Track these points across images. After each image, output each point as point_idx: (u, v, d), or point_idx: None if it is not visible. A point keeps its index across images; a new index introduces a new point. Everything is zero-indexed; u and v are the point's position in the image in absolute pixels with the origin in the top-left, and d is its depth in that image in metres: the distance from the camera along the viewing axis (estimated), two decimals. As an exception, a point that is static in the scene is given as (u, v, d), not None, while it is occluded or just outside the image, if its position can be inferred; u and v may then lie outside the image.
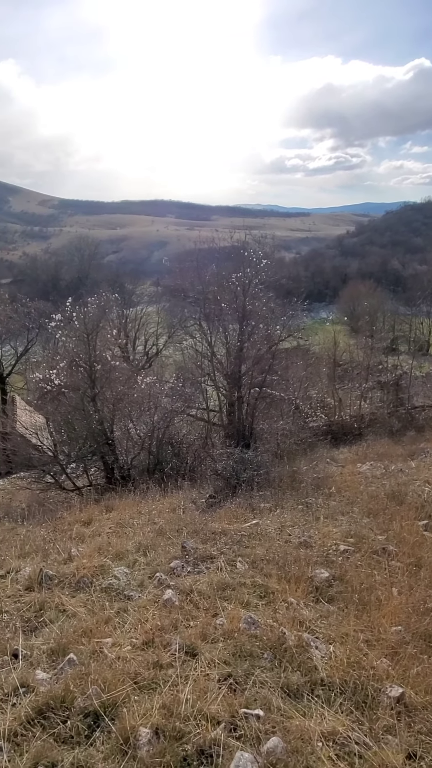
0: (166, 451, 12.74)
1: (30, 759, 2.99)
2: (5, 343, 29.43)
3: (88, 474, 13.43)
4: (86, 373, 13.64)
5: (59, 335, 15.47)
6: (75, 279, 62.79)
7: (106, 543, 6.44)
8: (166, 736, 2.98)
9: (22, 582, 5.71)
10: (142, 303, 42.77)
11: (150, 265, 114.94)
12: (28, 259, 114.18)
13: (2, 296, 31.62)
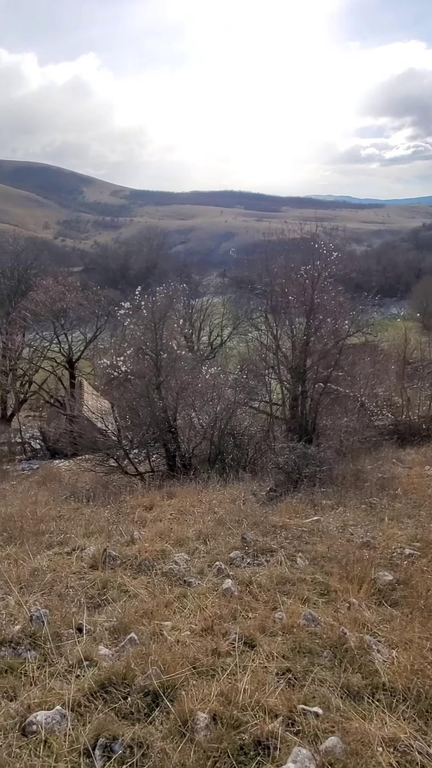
0: (227, 441, 12.81)
1: (92, 730, 3.11)
2: (75, 329, 30.41)
3: (150, 460, 13.71)
4: (152, 361, 13.89)
5: (127, 323, 15.84)
6: (143, 268, 64.08)
7: (168, 529, 6.57)
8: (223, 723, 3.01)
9: (86, 560, 5.93)
10: (208, 294, 43.04)
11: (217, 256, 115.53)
12: (99, 248, 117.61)
13: (74, 284, 32.65)
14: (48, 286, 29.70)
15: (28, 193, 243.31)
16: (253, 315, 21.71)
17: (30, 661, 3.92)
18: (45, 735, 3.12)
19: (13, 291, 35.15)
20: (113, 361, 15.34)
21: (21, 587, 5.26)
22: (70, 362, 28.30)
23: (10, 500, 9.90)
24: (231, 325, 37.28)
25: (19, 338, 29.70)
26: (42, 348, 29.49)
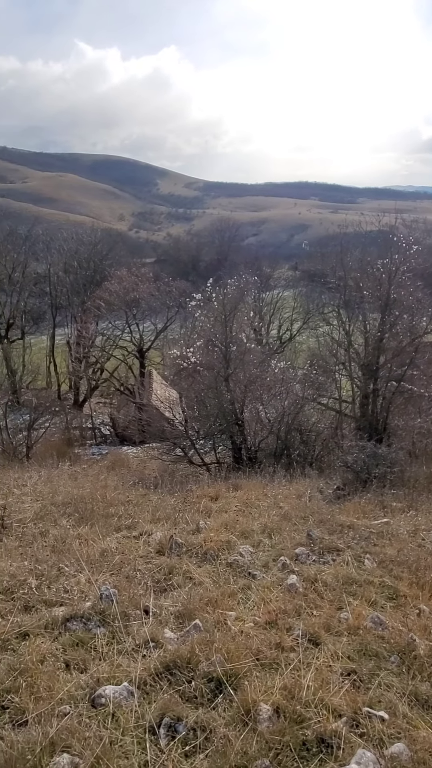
0: (294, 437, 12.71)
1: (157, 709, 3.21)
2: (146, 319, 31.08)
3: (215, 451, 13.86)
4: (221, 353, 13.99)
5: (198, 315, 16.02)
6: (214, 260, 64.44)
7: (233, 520, 6.62)
8: (286, 717, 3.02)
9: (153, 545, 6.10)
10: (278, 287, 42.70)
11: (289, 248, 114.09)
12: (171, 240, 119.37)
13: (146, 275, 33.33)
14: (122, 276, 30.54)
15: (105, 186, 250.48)
16: (325, 309, 21.30)
17: (99, 637, 4.09)
18: (113, 708, 3.25)
19: (89, 280, 36.44)
20: (183, 352, 15.58)
21: (91, 566, 5.49)
22: (140, 351, 29.01)
23: (82, 483, 10.29)
24: (301, 319, 36.82)
25: (92, 326, 30.80)
26: (114, 337, 30.39)
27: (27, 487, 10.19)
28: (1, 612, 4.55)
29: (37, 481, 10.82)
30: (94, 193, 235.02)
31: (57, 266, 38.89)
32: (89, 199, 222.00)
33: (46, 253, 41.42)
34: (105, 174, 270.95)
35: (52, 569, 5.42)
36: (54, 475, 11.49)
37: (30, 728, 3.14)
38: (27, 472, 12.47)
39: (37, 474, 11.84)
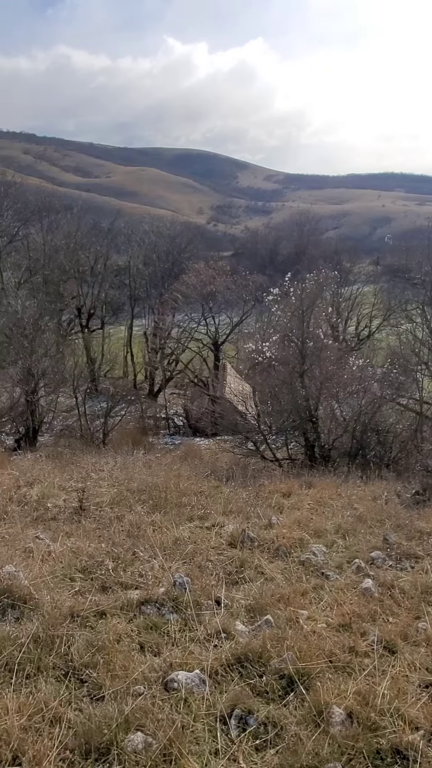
0: (370, 437, 12.36)
1: (229, 699, 3.25)
2: (222, 313, 31.26)
3: (288, 447, 13.74)
4: (297, 348, 13.82)
5: (275, 309, 15.92)
6: (292, 254, 63.51)
7: (306, 518, 6.56)
8: (359, 723, 2.96)
9: (225, 537, 6.16)
10: (358, 282, 41.50)
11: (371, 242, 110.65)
12: (248, 234, 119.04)
13: (224, 268, 33.50)
14: (199, 269, 30.91)
15: (185, 179, 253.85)
16: (408, 306, 20.48)
17: (172, 623, 4.20)
18: (185, 694, 3.33)
19: (167, 273, 37.16)
20: (258, 346, 15.56)
21: (164, 553, 5.62)
22: (215, 344, 29.26)
23: (156, 471, 10.57)
24: (381, 316, 35.62)
25: (169, 318, 31.42)
26: (190, 329, 30.84)
27: (104, 473, 10.61)
28: (81, 590, 4.77)
29: (113, 467, 11.23)
30: (174, 186, 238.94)
31: (137, 259, 39.93)
32: (169, 192, 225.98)
33: (126, 246, 42.63)
34: (185, 167, 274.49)
35: (127, 553, 5.61)
36: (129, 462, 11.87)
37: (106, 704, 3.27)
38: (103, 458, 12.98)
39: (113, 460, 12.29)
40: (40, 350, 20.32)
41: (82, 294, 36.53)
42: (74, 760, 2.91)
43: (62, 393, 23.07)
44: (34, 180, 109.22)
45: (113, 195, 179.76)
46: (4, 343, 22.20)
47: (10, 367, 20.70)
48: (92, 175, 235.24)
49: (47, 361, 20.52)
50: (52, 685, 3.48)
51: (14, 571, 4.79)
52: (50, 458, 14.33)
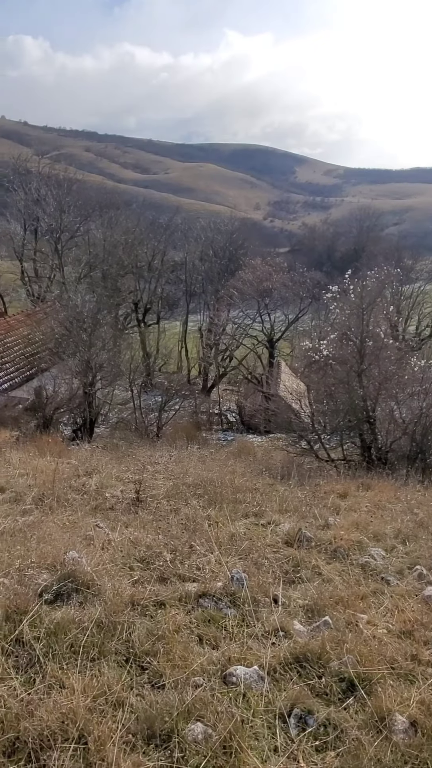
0: (431, 441, 11.98)
1: (288, 698, 3.25)
2: (278, 309, 31.08)
3: (343, 448, 13.53)
4: (356, 347, 13.56)
5: (333, 307, 15.66)
6: (351, 251, 62.19)
7: (364, 521, 6.45)
8: (424, 733, 2.90)
9: (281, 535, 6.14)
10: (420, 280, 40.22)
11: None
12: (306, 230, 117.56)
13: (281, 264, 33.29)
14: (256, 266, 30.82)
15: (243, 175, 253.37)
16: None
17: (230, 618, 4.24)
18: (244, 689, 3.36)
19: (223, 269, 37.29)
20: (315, 344, 15.35)
21: (220, 548, 5.67)
22: (270, 341, 29.13)
23: (210, 466, 10.66)
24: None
25: (224, 314, 31.51)
26: (245, 325, 30.83)
27: (159, 466, 10.80)
28: (140, 579, 4.89)
29: (168, 461, 11.41)
30: (231, 182, 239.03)
31: (193, 254, 40.29)
32: (226, 188, 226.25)
33: (183, 242, 43.07)
34: (243, 163, 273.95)
35: (184, 546, 5.70)
36: (183, 457, 12.02)
37: (167, 692, 3.35)
38: (158, 451, 13.21)
39: (168, 454, 12.48)
40: (98, 343, 20.87)
41: (139, 289, 37.22)
42: (137, 743, 3.01)
43: (118, 386, 23.66)
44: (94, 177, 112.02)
45: (171, 191, 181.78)
46: (65, 336, 22.91)
47: (70, 360, 21.36)
48: (150, 172, 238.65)
49: (104, 355, 21.06)
50: (115, 670, 3.60)
51: (77, 557, 4.97)
52: (106, 449, 14.73)
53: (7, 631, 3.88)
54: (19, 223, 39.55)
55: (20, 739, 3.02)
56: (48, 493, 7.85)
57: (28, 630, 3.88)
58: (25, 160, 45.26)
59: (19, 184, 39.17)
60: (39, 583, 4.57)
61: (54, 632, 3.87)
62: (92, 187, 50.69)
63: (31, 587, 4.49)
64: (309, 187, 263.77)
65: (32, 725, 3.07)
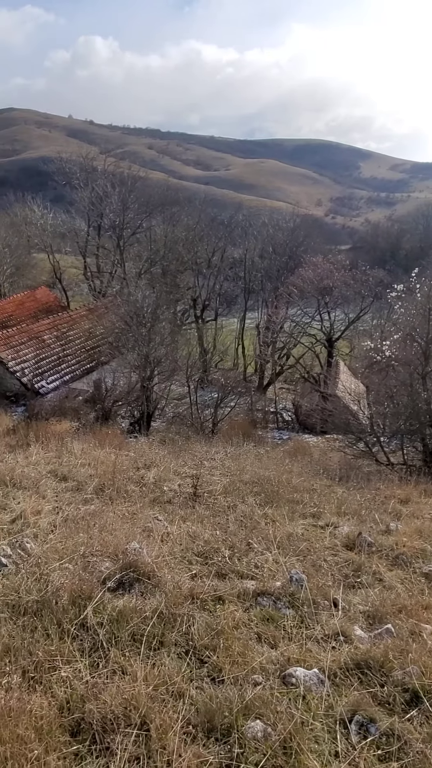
0: None
1: (349, 705, 3.21)
2: (338, 308, 30.45)
3: (403, 452, 13.13)
4: (421, 349, 13.12)
5: (398, 306, 15.22)
6: (416, 249, 60.05)
7: (428, 528, 6.24)
8: None
9: (340, 539, 6.05)
10: None
11: None
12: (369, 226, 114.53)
13: (342, 262, 32.62)
14: (316, 263, 30.33)
15: (304, 171, 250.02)
16: None
17: (288, 618, 4.22)
18: (303, 691, 3.34)
19: (283, 266, 36.96)
20: (377, 344, 14.97)
21: (278, 547, 5.65)
22: (329, 340, 28.64)
23: (267, 464, 10.61)
24: None
25: (282, 312, 31.21)
26: (303, 324, 30.42)
27: (215, 462, 10.87)
28: (198, 573, 4.95)
29: (224, 457, 11.46)
30: (292, 178, 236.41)
31: (253, 251, 40.13)
32: (287, 184, 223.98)
33: (243, 239, 42.96)
34: (305, 158, 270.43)
35: (242, 543, 5.72)
36: (240, 454, 12.04)
37: (227, 688, 3.38)
38: (213, 447, 13.28)
39: (224, 450, 12.53)
40: (156, 339, 21.18)
41: (197, 285, 37.49)
42: (197, 735, 3.05)
43: (175, 381, 23.95)
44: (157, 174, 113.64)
45: (231, 188, 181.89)
46: (124, 331, 23.40)
47: (129, 354, 21.80)
48: (212, 168, 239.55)
49: (163, 350, 21.36)
50: (175, 661, 3.66)
51: (138, 547, 5.09)
52: (163, 443, 14.95)
53: (73, 615, 4.03)
54: (84, 219, 40.70)
55: (85, 720, 3.14)
56: (108, 484, 8.06)
57: (92, 615, 4.02)
58: (91, 159, 46.43)
59: (85, 182, 40.28)
60: (102, 570, 4.72)
61: (116, 619, 3.99)
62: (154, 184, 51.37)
63: (95, 574, 4.64)
64: (373, 182, 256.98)
65: (96, 707, 3.18)
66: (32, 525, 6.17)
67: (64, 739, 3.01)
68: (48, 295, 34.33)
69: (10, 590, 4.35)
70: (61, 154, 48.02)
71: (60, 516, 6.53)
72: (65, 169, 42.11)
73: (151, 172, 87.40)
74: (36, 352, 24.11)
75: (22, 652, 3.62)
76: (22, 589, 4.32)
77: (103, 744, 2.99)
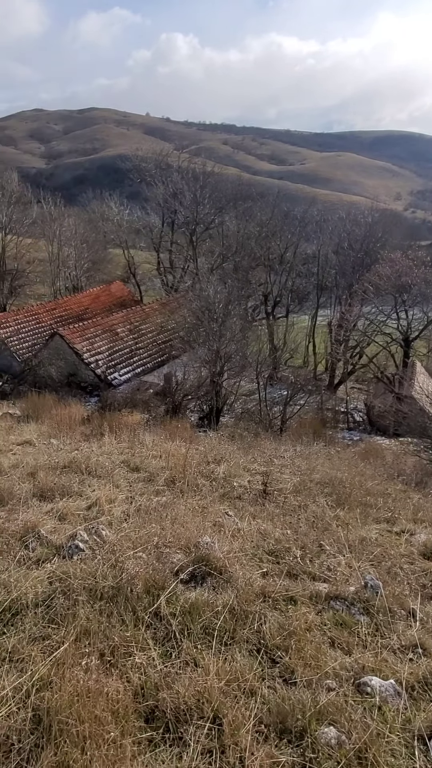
0: None
1: (428, 720, 3.09)
2: (416, 306, 29.23)
3: None
4: None
5: None
6: None
7: None
8: None
9: (416, 546, 5.83)
10: None
11: None
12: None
13: (422, 258, 31.24)
14: (395, 259, 29.24)
15: (383, 163, 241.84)
16: None
17: (363, 625, 4.11)
18: (379, 702, 3.24)
19: (358, 263, 35.92)
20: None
21: (351, 551, 5.51)
22: (405, 340, 27.56)
23: (338, 465, 10.39)
24: None
25: (356, 310, 30.36)
26: (378, 322, 29.46)
27: (285, 460, 10.75)
28: (268, 572, 4.92)
29: (293, 456, 11.32)
30: (370, 171, 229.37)
31: (327, 247, 39.31)
32: (365, 178, 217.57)
33: (317, 234, 42.16)
34: (385, 151, 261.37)
35: (313, 544, 5.62)
36: (310, 453, 11.85)
37: (299, 690, 3.34)
38: (282, 445, 13.16)
39: (293, 448, 12.38)
40: (227, 334, 21.26)
41: (269, 281, 37.23)
42: (269, 735, 3.03)
43: (244, 377, 23.96)
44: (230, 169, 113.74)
45: (306, 182, 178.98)
46: (196, 325, 23.67)
47: (200, 349, 22.04)
48: (286, 163, 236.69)
49: (233, 346, 21.42)
50: (246, 658, 3.66)
51: (210, 542, 5.12)
52: (231, 439, 14.99)
53: (147, 603, 4.12)
54: (158, 215, 41.50)
55: (159, 708, 3.20)
56: (179, 477, 8.17)
57: (166, 605, 4.09)
58: (166, 156, 47.23)
59: (159, 179, 41.03)
60: (174, 562, 4.79)
61: (189, 611, 4.04)
62: (227, 180, 51.46)
63: (167, 565, 4.72)
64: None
65: (169, 696, 3.24)
66: (106, 513, 6.35)
67: (139, 724, 3.08)
68: (122, 290, 35.39)
69: (88, 575, 4.49)
70: (138, 151, 49.16)
71: (133, 506, 6.68)
72: (141, 167, 43.09)
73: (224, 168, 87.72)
74: (110, 344, 24.91)
75: (99, 636, 3.74)
76: (98, 574, 4.46)
77: (176, 733, 3.04)
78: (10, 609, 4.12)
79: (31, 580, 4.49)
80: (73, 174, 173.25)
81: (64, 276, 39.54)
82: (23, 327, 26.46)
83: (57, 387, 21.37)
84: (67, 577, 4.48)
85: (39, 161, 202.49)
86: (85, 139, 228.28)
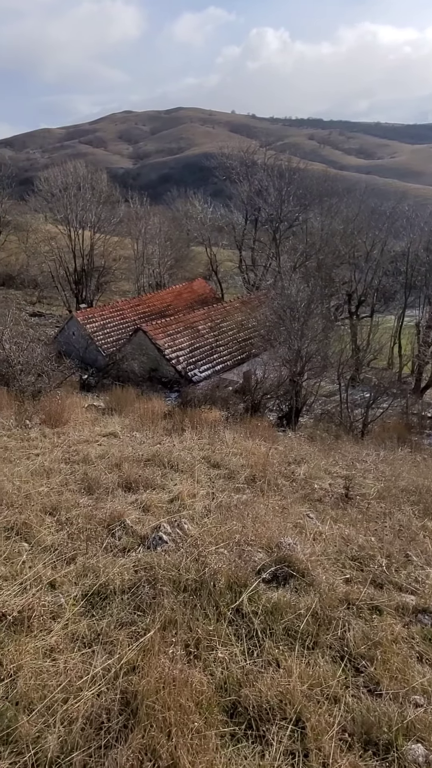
0: None
1: None
2: None
3: None
4: None
5: None
6: None
7: None
8: None
9: None
10: None
11: None
12: None
13: None
14: None
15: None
16: None
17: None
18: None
19: (452, 261, 34.17)
20: None
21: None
22: None
23: (424, 473, 9.97)
24: None
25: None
26: (470, 323, 27.96)
27: (368, 464, 10.47)
28: (353, 579, 4.81)
29: (377, 460, 10.99)
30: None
31: (417, 244, 37.64)
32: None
33: (407, 230, 40.47)
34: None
35: (399, 553, 5.44)
36: (395, 458, 11.46)
37: (385, 702, 3.25)
38: (364, 449, 12.80)
39: (375, 453, 12.01)
40: (309, 334, 20.95)
41: (354, 280, 36.24)
42: (353, 745, 2.98)
43: (325, 378, 23.52)
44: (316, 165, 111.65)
45: (396, 176, 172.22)
46: (277, 324, 23.49)
47: (280, 348, 21.87)
48: (375, 157, 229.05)
49: (315, 346, 21.07)
50: (329, 664, 3.62)
51: (292, 543, 5.10)
52: (311, 440, 14.80)
53: (229, 599, 4.18)
54: (242, 213, 41.56)
55: (241, 704, 3.24)
56: (259, 476, 8.19)
57: (248, 603, 4.12)
58: (251, 153, 47.11)
59: (244, 176, 41.05)
60: (256, 561, 4.82)
61: (271, 611, 4.05)
62: (313, 176, 50.53)
63: (249, 563, 4.75)
64: None
65: (252, 694, 3.26)
66: (188, 507, 6.48)
67: (222, 718, 3.14)
68: (204, 287, 35.83)
69: (172, 566, 4.61)
70: (223, 149, 49.43)
71: (214, 502, 6.77)
72: (225, 164, 43.30)
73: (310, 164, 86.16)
74: (191, 341, 25.31)
75: (183, 627, 3.83)
76: (182, 566, 4.57)
77: (259, 732, 3.06)
78: (99, 593, 4.32)
79: (118, 567, 4.69)
80: (158, 173, 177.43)
81: (147, 273, 40.60)
82: (108, 322, 27.47)
83: (139, 381, 22.02)
84: (151, 567, 4.63)
85: (127, 161, 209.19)
86: (171, 138, 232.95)
